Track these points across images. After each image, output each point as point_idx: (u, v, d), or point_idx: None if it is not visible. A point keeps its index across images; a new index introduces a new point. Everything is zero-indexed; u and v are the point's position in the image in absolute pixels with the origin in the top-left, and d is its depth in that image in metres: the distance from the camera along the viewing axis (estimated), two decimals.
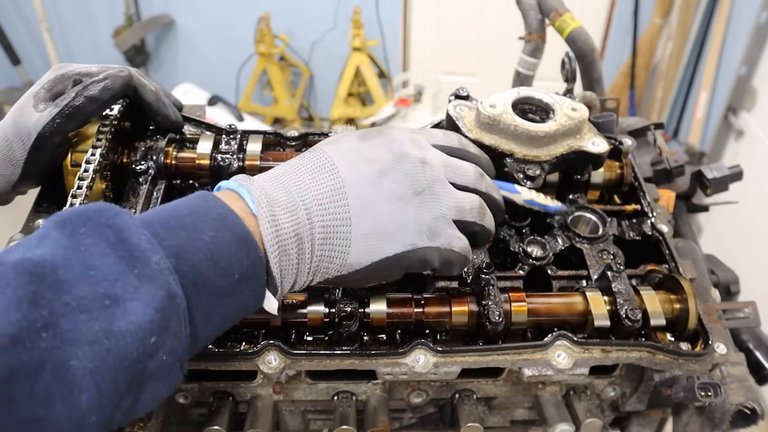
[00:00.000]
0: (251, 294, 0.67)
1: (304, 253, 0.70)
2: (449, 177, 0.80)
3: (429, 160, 0.78)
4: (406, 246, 0.74)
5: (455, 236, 0.79)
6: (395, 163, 0.76)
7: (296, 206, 0.70)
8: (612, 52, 4.79)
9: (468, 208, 0.80)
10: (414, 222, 0.75)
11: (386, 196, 0.74)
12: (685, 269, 1.04)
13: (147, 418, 0.87)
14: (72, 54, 5.32)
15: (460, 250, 0.79)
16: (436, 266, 0.79)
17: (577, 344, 0.92)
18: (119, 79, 0.95)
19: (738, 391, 0.98)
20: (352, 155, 0.76)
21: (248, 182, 0.72)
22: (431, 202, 0.76)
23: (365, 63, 4.86)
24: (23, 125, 0.90)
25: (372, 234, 0.73)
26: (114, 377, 0.53)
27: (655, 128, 1.31)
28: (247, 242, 0.66)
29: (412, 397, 1.06)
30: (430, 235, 0.76)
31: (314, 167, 0.74)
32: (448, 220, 0.78)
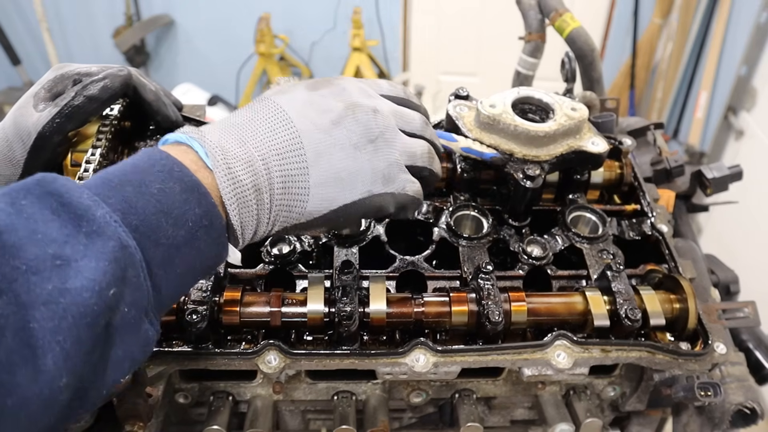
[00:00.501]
0: (211, 243, 0.67)
1: (264, 203, 0.71)
2: (399, 125, 0.82)
3: (380, 109, 0.80)
4: (362, 193, 0.77)
5: (408, 180, 0.81)
6: (348, 112, 0.77)
7: (253, 158, 0.70)
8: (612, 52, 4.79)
9: (419, 153, 0.83)
10: (369, 169, 0.77)
11: (341, 145, 0.75)
12: (685, 269, 1.04)
13: (147, 418, 0.87)
14: (72, 54, 5.32)
15: (413, 194, 0.82)
16: (392, 211, 0.82)
17: (576, 344, 0.92)
18: (118, 78, 0.95)
19: (738, 391, 0.98)
20: (304, 105, 0.76)
21: (199, 134, 0.71)
22: (384, 148, 0.78)
23: (365, 63, 4.86)
24: (23, 125, 0.90)
25: (329, 182, 0.74)
26: (77, 335, 0.52)
27: (655, 128, 1.31)
28: (198, 191, 0.65)
29: (412, 397, 1.06)
30: (385, 181, 0.78)
31: (268, 118, 0.74)
32: (401, 166, 0.80)
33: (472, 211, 1.08)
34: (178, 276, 0.64)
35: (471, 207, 1.08)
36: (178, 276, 0.65)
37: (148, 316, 0.61)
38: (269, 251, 1.00)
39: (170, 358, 0.88)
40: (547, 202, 1.15)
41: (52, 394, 0.51)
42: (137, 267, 0.58)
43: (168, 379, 0.96)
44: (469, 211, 1.08)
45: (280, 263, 0.99)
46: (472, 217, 1.08)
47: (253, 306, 0.90)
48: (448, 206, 1.08)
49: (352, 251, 1.00)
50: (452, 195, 1.12)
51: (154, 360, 0.87)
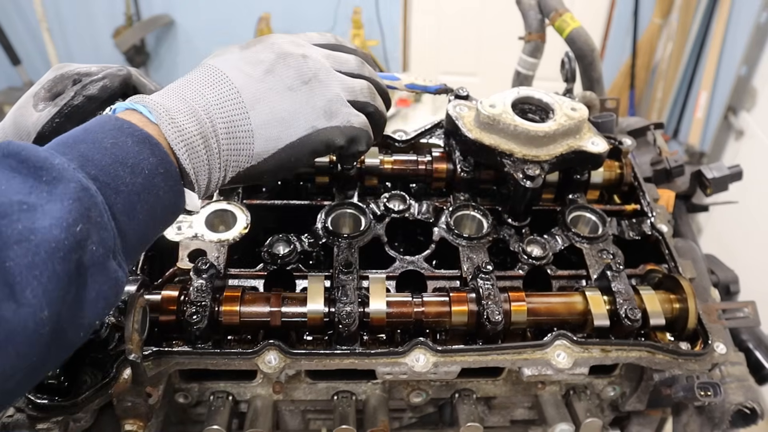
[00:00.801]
0: (168, 189, 0.70)
1: (212, 149, 0.75)
2: (333, 66, 0.86)
3: (310, 54, 0.84)
4: (306, 129, 0.80)
5: (352, 113, 0.85)
6: (279, 60, 0.82)
7: (194, 109, 0.74)
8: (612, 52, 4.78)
9: (358, 88, 0.86)
10: (308, 107, 0.81)
11: (276, 89, 0.80)
12: (685, 269, 1.04)
13: (147, 418, 0.87)
14: (72, 54, 5.32)
15: (360, 125, 0.85)
16: (342, 144, 0.84)
17: (576, 344, 0.92)
18: (118, 78, 0.95)
19: (737, 391, 0.98)
20: (238, 62, 0.81)
21: (141, 99, 0.75)
22: (320, 87, 0.83)
23: None
24: (23, 125, 0.90)
25: (271, 123, 0.79)
26: (52, 268, 0.55)
27: (655, 128, 1.31)
28: (149, 141, 0.68)
29: (412, 397, 1.06)
30: (328, 116, 0.82)
31: (205, 78, 0.79)
32: (343, 101, 0.84)
33: (472, 211, 1.08)
34: (141, 222, 0.67)
35: (471, 207, 1.08)
36: (141, 222, 0.67)
37: (116, 258, 0.63)
38: (269, 251, 1.00)
39: (170, 358, 0.88)
40: (547, 202, 1.15)
41: (36, 327, 0.53)
42: (100, 208, 0.61)
43: (168, 379, 0.96)
44: (469, 211, 1.08)
45: (280, 263, 0.99)
46: (472, 217, 1.08)
47: (253, 306, 0.90)
48: (448, 206, 1.08)
49: (352, 251, 1.00)
50: (452, 195, 1.12)
51: (154, 360, 0.87)
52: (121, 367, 0.81)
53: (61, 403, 0.79)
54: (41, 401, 0.78)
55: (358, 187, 1.11)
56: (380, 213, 1.06)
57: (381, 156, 1.11)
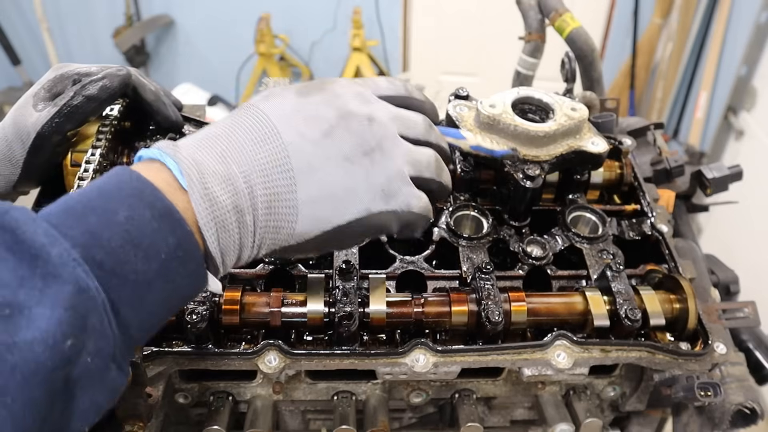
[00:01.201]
0: (187, 275, 0.60)
1: (246, 225, 0.65)
2: (400, 131, 0.75)
3: (376, 116, 0.73)
4: (360, 212, 0.70)
5: (414, 195, 0.74)
6: (341, 122, 0.70)
7: (233, 175, 0.64)
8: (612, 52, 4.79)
9: (425, 162, 0.76)
10: (365, 185, 0.70)
11: (333, 158, 0.69)
12: (685, 269, 1.04)
13: (147, 418, 0.87)
14: (72, 54, 5.32)
15: (420, 211, 0.75)
16: (395, 231, 0.75)
17: (576, 344, 0.92)
18: (117, 78, 0.95)
19: (738, 391, 0.98)
20: (292, 114, 0.70)
21: (173, 150, 0.64)
22: (383, 161, 0.71)
23: (365, 63, 4.86)
24: (23, 125, 0.90)
25: (320, 200, 0.68)
26: (29, 395, 0.46)
27: (655, 128, 1.31)
28: (171, 217, 0.59)
29: (412, 397, 1.06)
30: (385, 198, 0.71)
31: (251, 129, 0.68)
32: (404, 179, 0.73)
33: (472, 211, 1.08)
34: (149, 313, 0.59)
35: (471, 207, 1.08)
36: (150, 313, 0.59)
37: (115, 361, 0.55)
38: None
39: (170, 358, 0.88)
40: (547, 202, 1.15)
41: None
42: (100, 312, 0.53)
43: (168, 379, 0.96)
44: (469, 211, 1.08)
45: (280, 263, 0.99)
46: (472, 217, 1.08)
47: (253, 306, 0.90)
48: (448, 206, 1.08)
49: (352, 251, 1.00)
50: (452, 195, 1.12)
51: (154, 360, 0.88)
52: None
53: None
54: None
55: None
56: None
57: None
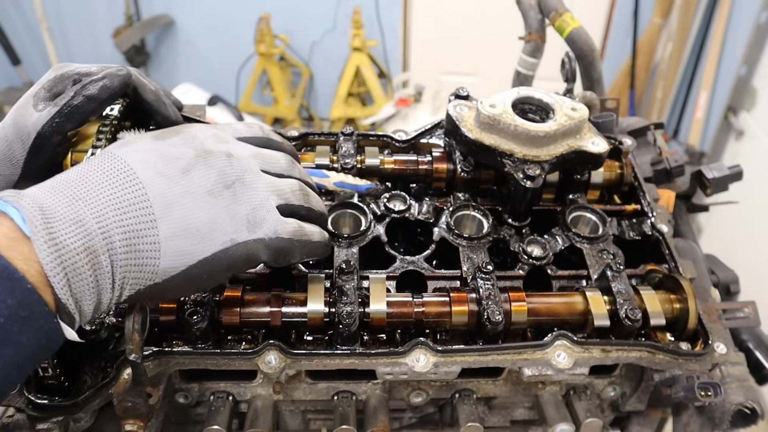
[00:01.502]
0: (33, 333, 0.57)
1: (102, 267, 0.62)
2: (262, 167, 0.77)
3: (235, 153, 0.75)
4: (224, 243, 0.70)
5: (281, 222, 0.74)
6: (199, 159, 0.71)
7: (83, 217, 0.62)
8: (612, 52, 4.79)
9: (288, 190, 0.77)
10: (228, 216, 0.70)
11: (194, 194, 0.69)
12: (685, 269, 1.04)
13: (147, 418, 0.87)
14: (72, 54, 5.32)
15: (290, 236, 0.75)
16: (266, 259, 0.75)
17: (577, 344, 0.92)
18: (118, 78, 0.95)
19: (738, 391, 0.98)
20: (150, 156, 0.70)
21: (16, 197, 0.61)
22: (245, 192, 0.72)
23: (365, 63, 4.86)
24: (23, 125, 0.90)
25: (182, 235, 0.67)
26: None
27: (655, 128, 1.31)
28: (8, 277, 0.56)
29: (412, 397, 1.06)
30: (250, 227, 0.72)
31: (105, 172, 0.67)
32: (269, 207, 0.74)
33: (472, 211, 1.08)
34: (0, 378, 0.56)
35: (471, 207, 1.08)
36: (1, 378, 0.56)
37: None
38: None
39: (170, 358, 0.88)
40: (547, 202, 1.15)
41: None
42: None
43: (168, 379, 0.96)
44: (469, 211, 1.08)
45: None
46: (472, 217, 1.08)
47: (253, 306, 0.90)
48: (448, 206, 1.08)
49: (352, 251, 1.00)
50: (452, 195, 1.12)
51: (154, 360, 0.87)
52: (121, 367, 0.81)
53: (61, 403, 0.79)
54: (41, 401, 0.78)
55: None
56: (380, 213, 1.06)
57: (381, 156, 1.11)
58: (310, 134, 1.15)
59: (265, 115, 5.22)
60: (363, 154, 1.10)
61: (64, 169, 0.96)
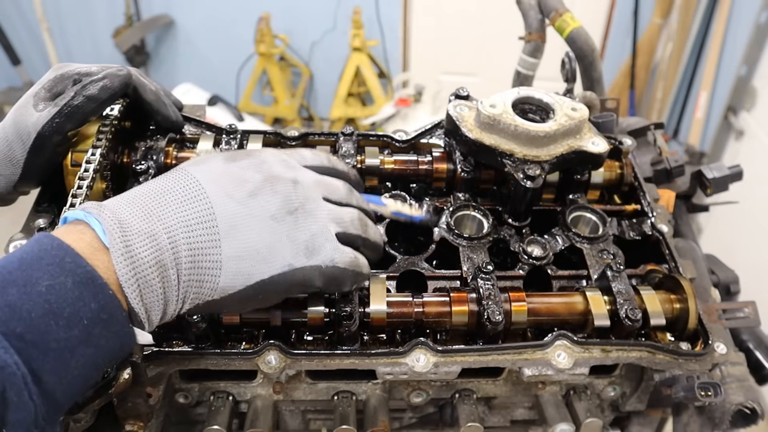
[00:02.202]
0: (112, 336, 0.62)
1: (170, 280, 0.67)
2: (323, 194, 0.79)
3: (301, 180, 0.78)
4: (282, 267, 0.73)
5: (338, 250, 0.77)
6: (266, 184, 0.74)
7: (156, 232, 0.66)
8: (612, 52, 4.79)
9: (348, 220, 0.80)
10: (288, 242, 0.73)
11: (258, 217, 0.72)
12: (685, 269, 1.04)
13: (147, 418, 0.87)
14: (72, 54, 5.32)
15: (344, 265, 0.77)
16: (320, 285, 0.77)
17: (577, 344, 0.92)
18: (118, 78, 0.95)
19: (738, 391, 0.98)
20: (220, 177, 0.73)
21: (98, 210, 0.66)
22: (307, 219, 0.75)
23: (365, 63, 4.86)
24: (23, 125, 0.90)
25: (244, 256, 0.70)
26: None
27: (655, 128, 1.31)
28: (93, 283, 0.60)
29: (412, 397, 1.06)
30: (309, 254, 0.74)
31: (178, 189, 0.71)
32: (328, 235, 0.76)
33: (472, 211, 1.08)
34: (75, 378, 0.59)
35: (471, 207, 1.08)
36: (76, 378, 0.60)
37: (38, 427, 0.56)
38: None
39: (170, 358, 0.88)
40: (547, 202, 1.15)
41: None
42: (19, 386, 0.53)
43: (168, 379, 0.96)
44: (469, 211, 1.08)
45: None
46: (472, 217, 1.08)
47: None
48: (448, 206, 1.08)
49: None
50: (452, 195, 1.12)
51: (154, 360, 0.87)
52: (121, 367, 0.81)
53: None
54: None
55: None
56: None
57: (381, 156, 1.11)
58: (310, 134, 1.15)
59: (265, 115, 5.22)
60: (363, 154, 1.10)
61: (65, 170, 0.97)
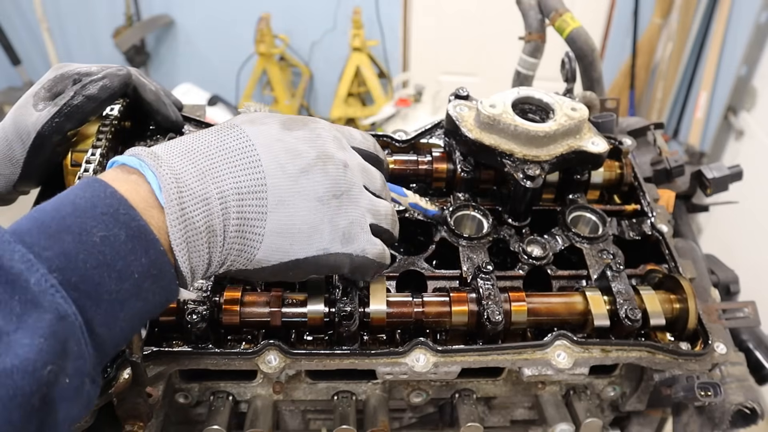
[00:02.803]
0: (159, 291, 0.63)
1: (216, 245, 0.68)
2: (364, 182, 0.80)
3: (350, 163, 0.77)
4: (318, 250, 0.73)
5: (370, 242, 0.78)
6: (318, 162, 0.74)
7: (210, 196, 0.66)
8: (612, 52, 4.79)
9: (383, 213, 0.80)
10: (329, 226, 0.74)
11: (306, 196, 0.72)
12: (685, 269, 1.04)
13: (147, 418, 0.87)
14: (72, 54, 5.32)
15: (374, 257, 0.79)
16: (347, 272, 0.79)
17: (576, 344, 0.92)
18: (117, 78, 0.95)
19: (738, 391, 0.98)
20: (275, 144, 0.72)
21: (155, 161, 0.65)
22: (349, 206, 0.76)
23: (365, 63, 4.86)
24: (23, 125, 0.90)
25: (285, 233, 0.71)
26: (7, 417, 0.47)
27: (655, 128, 1.31)
28: (146, 238, 0.60)
29: (412, 397, 1.06)
30: (344, 241, 0.75)
31: (234, 150, 0.70)
32: (364, 225, 0.77)
33: (472, 211, 1.08)
34: (123, 329, 0.61)
35: (471, 207, 1.08)
36: (123, 329, 0.61)
37: (90, 377, 0.57)
38: None
39: (170, 358, 0.88)
40: (547, 202, 1.15)
41: None
42: (78, 336, 0.54)
43: (168, 379, 0.96)
44: (469, 211, 1.08)
45: None
46: (472, 217, 1.08)
47: (253, 306, 0.90)
48: (448, 206, 1.08)
49: None
50: (452, 195, 1.12)
51: (154, 360, 0.87)
52: (121, 367, 0.81)
53: None
54: None
55: None
56: None
57: None
58: None
59: None
60: None
61: (65, 170, 0.97)
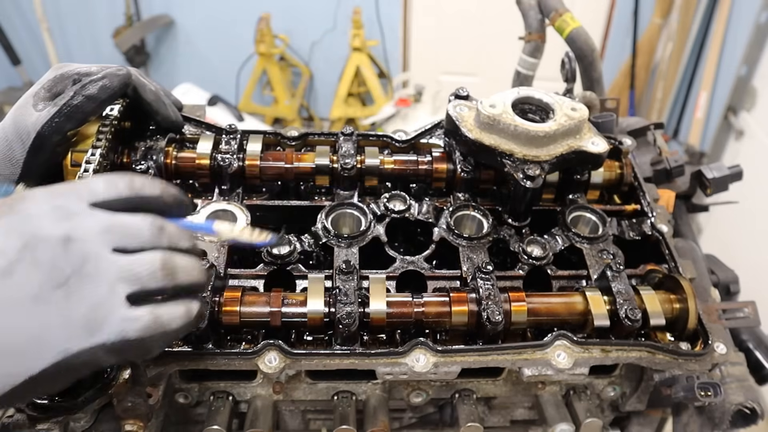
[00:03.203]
0: None
1: None
2: (115, 244, 0.64)
3: (76, 235, 0.62)
4: (55, 357, 0.60)
5: (128, 318, 0.63)
6: (26, 254, 0.60)
7: None
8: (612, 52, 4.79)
9: (146, 273, 0.64)
10: (60, 322, 0.60)
11: (13, 302, 0.59)
12: (685, 269, 1.04)
13: (147, 418, 0.87)
14: (72, 54, 5.32)
15: (140, 334, 0.63)
16: (114, 362, 0.66)
17: (576, 344, 0.92)
18: (117, 78, 0.95)
19: (738, 391, 0.98)
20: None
21: None
22: (83, 288, 0.61)
23: (365, 63, 4.86)
24: (23, 125, 0.90)
25: (2, 354, 0.59)
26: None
27: (655, 128, 1.31)
28: None
29: (412, 397, 1.06)
30: (89, 331, 0.61)
31: None
32: (114, 303, 0.62)
33: (472, 211, 1.08)
34: None
35: (471, 207, 1.08)
36: None
37: None
38: (269, 251, 1.00)
39: (170, 358, 0.88)
40: (547, 202, 1.15)
41: None
42: None
43: (168, 379, 0.96)
44: (469, 211, 1.08)
45: (280, 264, 0.99)
46: (472, 217, 1.08)
47: (253, 306, 0.90)
48: (448, 206, 1.08)
49: (352, 251, 1.00)
50: (452, 195, 1.12)
51: (154, 360, 0.87)
52: (120, 367, 0.81)
53: (61, 403, 0.78)
54: (41, 401, 0.78)
55: (358, 187, 1.11)
56: (380, 213, 1.06)
57: (381, 156, 1.11)
58: (310, 134, 1.15)
59: (265, 115, 5.22)
60: (363, 154, 1.10)
61: (65, 170, 0.97)
